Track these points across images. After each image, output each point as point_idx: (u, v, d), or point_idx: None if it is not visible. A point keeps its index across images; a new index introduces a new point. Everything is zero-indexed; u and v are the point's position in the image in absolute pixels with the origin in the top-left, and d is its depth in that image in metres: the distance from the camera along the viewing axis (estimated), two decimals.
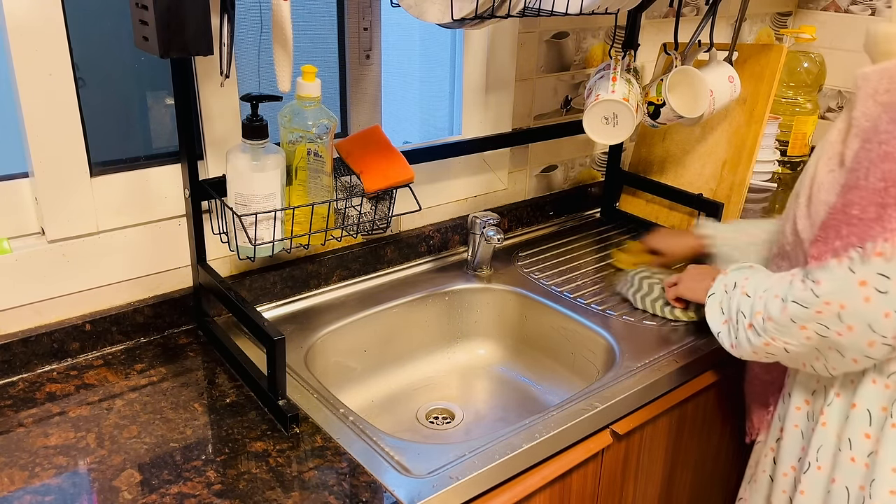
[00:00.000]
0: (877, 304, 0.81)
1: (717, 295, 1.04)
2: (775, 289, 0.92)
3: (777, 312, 0.90)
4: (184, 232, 1.14)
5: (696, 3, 1.76)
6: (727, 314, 1.01)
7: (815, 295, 0.85)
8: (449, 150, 1.39)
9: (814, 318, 0.86)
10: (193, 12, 0.85)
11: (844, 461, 0.93)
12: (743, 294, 0.98)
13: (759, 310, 0.94)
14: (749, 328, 0.95)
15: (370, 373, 1.27)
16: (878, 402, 0.90)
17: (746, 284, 0.99)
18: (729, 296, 1.01)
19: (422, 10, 1.03)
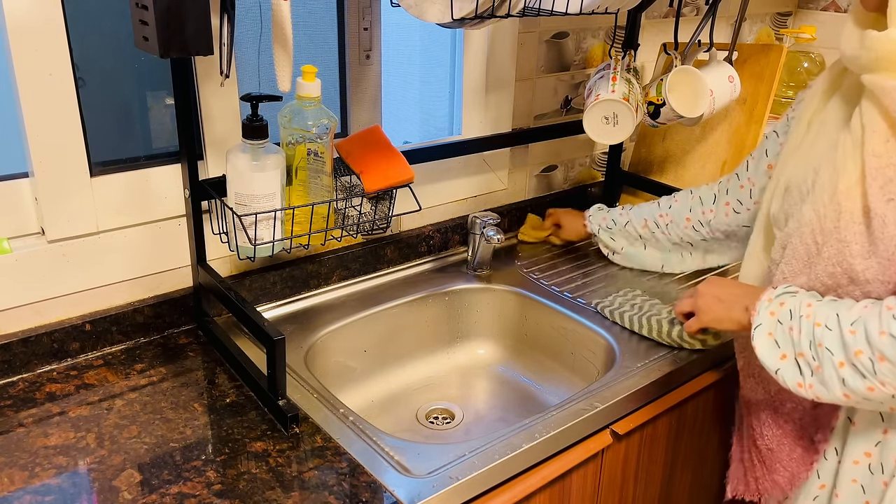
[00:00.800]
0: None
1: (765, 326, 0.89)
2: (874, 324, 0.79)
3: (894, 352, 0.77)
4: (184, 232, 1.14)
5: (696, 3, 1.75)
6: (790, 348, 0.86)
7: None
8: (449, 150, 1.39)
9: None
10: (193, 12, 0.85)
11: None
12: (816, 325, 0.84)
13: (858, 349, 0.80)
14: (842, 367, 0.81)
15: (370, 373, 1.27)
16: None
17: (814, 314, 0.85)
18: (786, 326, 0.87)
19: (422, 10, 1.03)
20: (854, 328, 0.81)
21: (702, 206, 1.28)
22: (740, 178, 1.21)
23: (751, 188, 1.19)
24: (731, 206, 1.22)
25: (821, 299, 0.87)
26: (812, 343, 0.84)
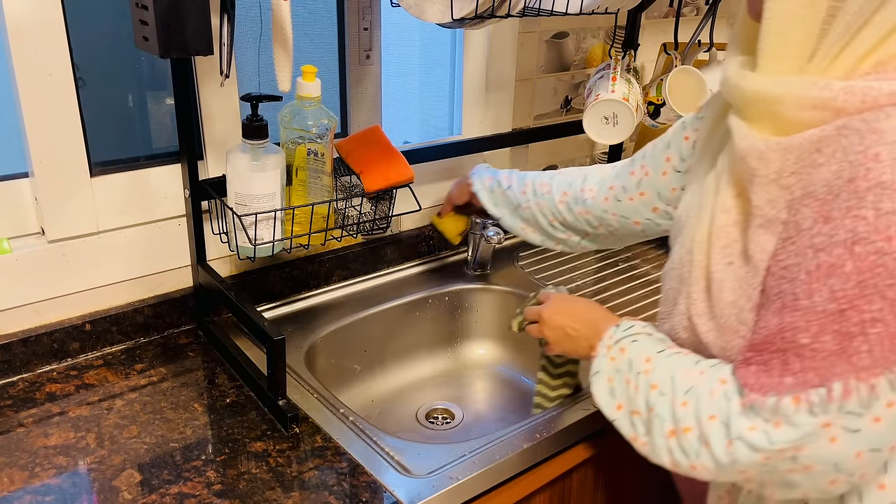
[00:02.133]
0: (846, 445, 0.63)
1: (603, 373, 0.83)
2: (706, 402, 0.70)
3: (720, 444, 0.69)
4: (184, 232, 1.14)
5: (696, 3, 1.75)
6: (624, 400, 0.80)
7: (770, 441, 0.65)
8: (449, 150, 1.39)
9: (761, 463, 0.67)
10: (193, 12, 0.85)
11: None
12: (652, 388, 0.76)
13: (688, 425, 0.71)
14: (672, 436, 0.73)
15: (370, 373, 1.27)
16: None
17: (652, 371, 0.77)
18: (623, 377, 0.80)
19: (422, 10, 1.03)
20: (687, 399, 0.72)
21: (584, 182, 1.08)
22: (634, 163, 1.02)
23: (641, 178, 0.99)
24: (613, 191, 1.03)
25: (662, 350, 0.79)
26: (646, 404, 0.76)
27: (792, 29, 0.64)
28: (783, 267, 0.66)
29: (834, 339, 0.61)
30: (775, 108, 0.66)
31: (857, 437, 0.63)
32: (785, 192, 0.67)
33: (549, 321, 0.94)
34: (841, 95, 0.62)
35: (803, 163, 0.65)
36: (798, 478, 0.67)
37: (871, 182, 0.59)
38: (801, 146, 0.65)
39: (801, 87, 0.64)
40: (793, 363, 0.64)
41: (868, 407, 0.62)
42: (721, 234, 0.73)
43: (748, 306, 0.71)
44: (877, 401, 0.61)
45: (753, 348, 0.68)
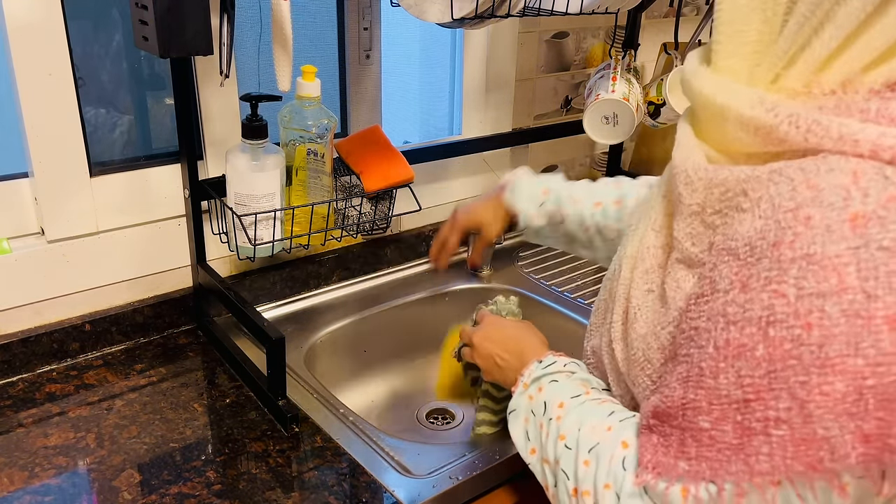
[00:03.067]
0: None
1: (520, 412, 0.77)
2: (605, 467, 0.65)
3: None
4: (184, 232, 1.14)
5: (696, 2, 1.75)
6: (537, 445, 0.75)
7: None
8: (449, 150, 1.39)
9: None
10: (193, 12, 0.85)
11: None
12: (560, 438, 0.71)
13: (587, 489, 0.66)
14: (574, 495, 0.68)
15: (370, 373, 1.27)
16: None
17: (563, 418, 0.71)
18: (537, 420, 0.75)
19: (422, 9, 1.03)
20: (589, 458, 0.67)
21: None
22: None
23: None
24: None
25: (578, 395, 0.73)
26: (555, 455, 0.71)
27: (747, 20, 0.56)
28: (693, 327, 0.57)
29: (734, 431, 0.54)
30: (719, 122, 0.58)
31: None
32: (709, 231, 0.59)
33: (479, 348, 0.87)
34: (784, 125, 0.53)
35: (728, 203, 0.57)
36: None
37: (796, 252, 0.50)
38: (728, 182, 0.57)
39: (746, 103, 0.55)
40: (689, 446, 0.57)
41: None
42: (647, 255, 0.67)
43: (655, 345, 0.64)
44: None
45: (657, 416, 0.61)
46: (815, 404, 0.50)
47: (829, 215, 0.49)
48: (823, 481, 0.51)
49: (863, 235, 0.48)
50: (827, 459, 0.50)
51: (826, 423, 0.49)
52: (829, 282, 0.49)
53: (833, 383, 0.49)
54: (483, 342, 0.87)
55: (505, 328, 0.89)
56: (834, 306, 0.48)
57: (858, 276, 0.48)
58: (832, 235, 0.49)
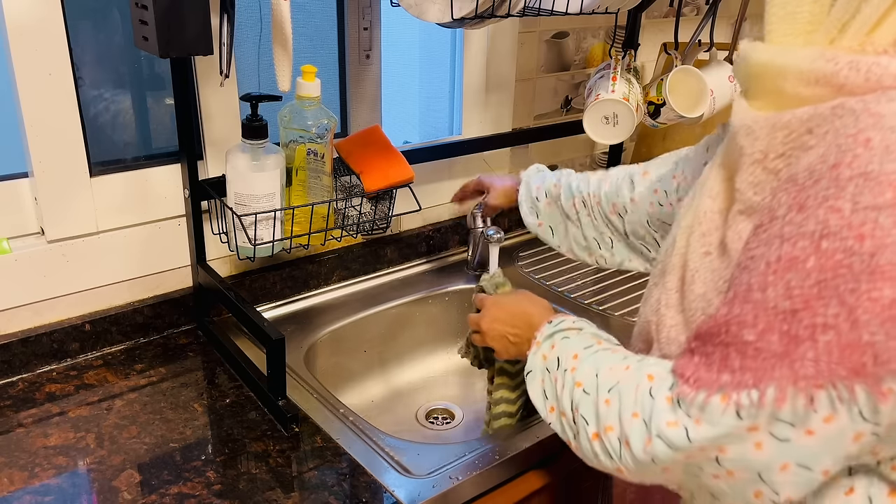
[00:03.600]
0: (772, 453, 0.58)
1: (536, 372, 0.79)
2: (629, 399, 0.66)
3: (639, 443, 0.64)
4: (184, 232, 1.14)
5: (696, 2, 1.75)
6: (555, 402, 0.75)
7: (689, 439, 0.60)
8: (449, 150, 1.39)
9: (682, 461, 0.62)
10: (193, 12, 0.85)
11: None
12: (577, 385, 0.72)
13: (610, 424, 0.67)
14: (595, 439, 0.69)
15: (370, 373, 1.27)
16: None
17: (578, 368, 0.73)
18: (553, 376, 0.76)
19: (422, 9, 1.03)
20: (610, 397, 0.68)
21: (632, 189, 1.01)
22: (676, 167, 0.96)
23: (679, 183, 0.95)
24: (657, 196, 0.97)
25: (590, 345, 0.75)
26: (572, 404, 0.72)
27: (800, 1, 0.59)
28: (749, 257, 0.59)
29: (780, 341, 0.55)
30: (778, 83, 0.60)
31: (786, 448, 0.57)
32: (771, 177, 0.60)
33: (489, 332, 0.90)
34: (844, 70, 0.56)
35: (793, 144, 0.59)
36: (722, 485, 0.62)
37: (854, 171, 0.52)
38: (791, 124, 0.58)
39: (805, 60, 0.58)
40: (733, 360, 0.58)
41: (802, 419, 0.56)
42: (704, 220, 0.67)
43: (716, 300, 0.64)
44: (813, 414, 0.55)
45: (699, 338, 0.62)
46: (862, 310, 0.51)
47: (888, 136, 0.52)
48: (865, 386, 0.52)
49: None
50: (870, 364, 0.52)
51: (872, 329, 0.51)
52: (884, 196, 0.51)
53: (882, 289, 0.50)
54: (492, 325, 0.89)
55: (508, 305, 0.90)
56: (887, 218, 0.50)
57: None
58: (890, 155, 0.51)
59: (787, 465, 0.58)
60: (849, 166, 0.53)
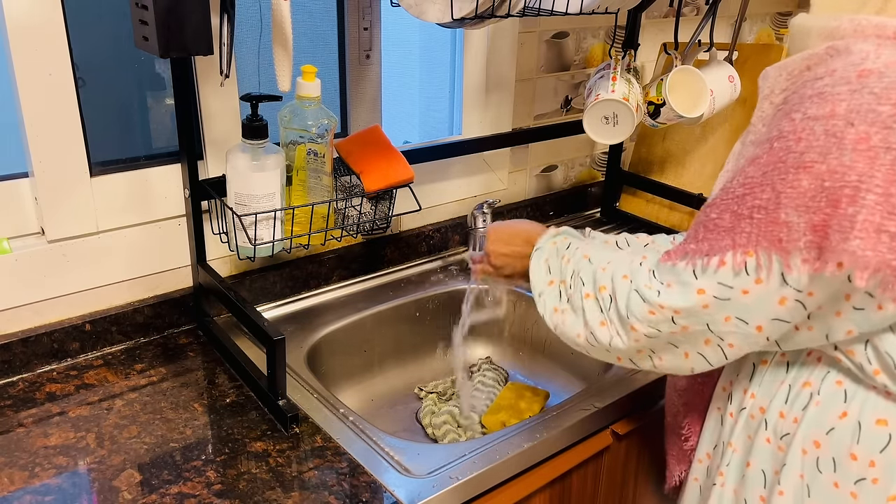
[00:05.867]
0: (716, 310, 0.71)
1: (544, 250, 0.90)
2: (623, 267, 0.79)
3: (622, 298, 0.78)
4: (184, 232, 1.14)
5: (696, 2, 1.75)
6: (556, 275, 0.87)
7: (657, 294, 0.74)
8: (449, 150, 1.39)
9: (647, 318, 0.75)
10: (193, 12, 0.85)
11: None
12: (584, 257, 0.85)
13: (604, 284, 0.80)
14: (588, 298, 0.81)
15: (370, 373, 1.27)
16: (771, 465, 0.80)
17: (588, 250, 0.86)
18: (560, 255, 0.87)
19: (422, 9, 1.03)
20: (607, 266, 0.81)
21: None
22: None
23: None
24: None
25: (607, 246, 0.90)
26: (574, 271, 0.85)
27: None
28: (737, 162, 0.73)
29: (730, 219, 0.69)
30: (806, 41, 0.72)
31: (727, 304, 0.71)
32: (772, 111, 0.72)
33: (492, 255, 0.99)
34: (844, 24, 0.68)
35: (794, 80, 0.70)
36: (678, 338, 0.76)
37: (814, 91, 0.65)
38: (794, 63, 0.71)
39: (823, 20, 0.70)
40: (699, 234, 0.72)
41: (736, 279, 0.69)
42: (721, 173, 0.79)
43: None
44: (746, 276, 0.68)
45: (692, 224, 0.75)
46: (785, 195, 0.65)
47: (846, 67, 0.64)
48: (778, 256, 0.66)
49: (862, 83, 0.63)
50: (784, 240, 0.65)
51: (789, 211, 0.65)
52: (824, 109, 0.64)
53: (802, 180, 0.64)
54: (494, 247, 0.99)
55: (505, 229, 0.99)
56: (820, 126, 0.64)
57: (846, 109, 0.63)
58: (841, 80, 0.64)
59: (729, 317, 0.72)
60: (811, 88, 0.66)
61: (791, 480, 0.78)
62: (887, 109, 0.61)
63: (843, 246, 0.62)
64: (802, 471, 0.77)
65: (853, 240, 0.61)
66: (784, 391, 0.79)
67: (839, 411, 0.75)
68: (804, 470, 0.77)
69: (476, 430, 1.16)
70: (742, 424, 0.83)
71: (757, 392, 0.82)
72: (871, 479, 0.73)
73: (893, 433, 0.72)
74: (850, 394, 0.75)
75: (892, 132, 0.61)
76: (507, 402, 1.19)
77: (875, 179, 0.61)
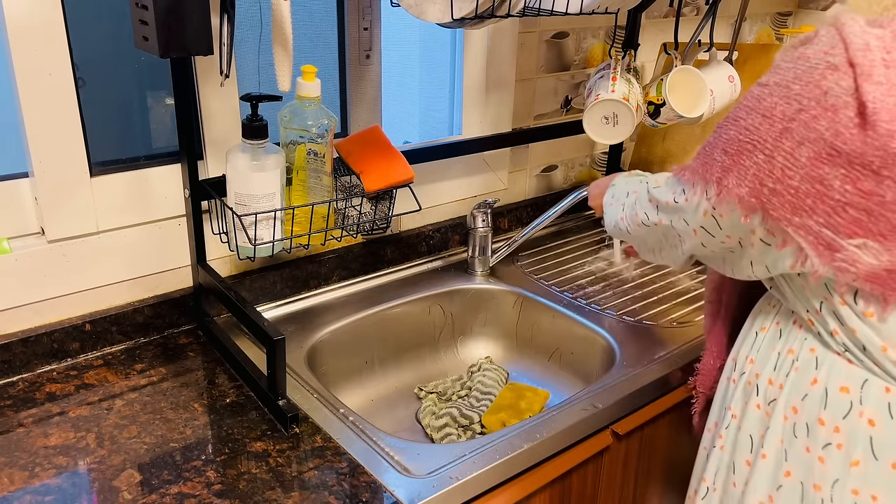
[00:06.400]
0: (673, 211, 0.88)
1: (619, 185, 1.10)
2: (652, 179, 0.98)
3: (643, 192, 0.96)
4: (184, 232, 1.14)
5: (696, 2, 1.75)
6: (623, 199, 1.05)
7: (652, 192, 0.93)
8: (449, 150, 1.39)
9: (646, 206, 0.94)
10: (193, 12, 0.85)
11: (729, 486, 0.90)
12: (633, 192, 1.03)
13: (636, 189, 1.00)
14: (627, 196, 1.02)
15: (370, 373, 1.27)
16: (758, 430, 0.86)
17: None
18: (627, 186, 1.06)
19: (422, 9, 1.03)
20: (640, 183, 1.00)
21: None
22: None
23: None
24: None
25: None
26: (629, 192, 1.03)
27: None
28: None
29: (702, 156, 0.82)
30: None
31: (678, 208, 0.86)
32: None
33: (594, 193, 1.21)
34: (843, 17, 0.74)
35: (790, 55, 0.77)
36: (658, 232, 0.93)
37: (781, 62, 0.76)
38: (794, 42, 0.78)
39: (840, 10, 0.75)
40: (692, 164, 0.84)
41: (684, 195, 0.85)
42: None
43: None
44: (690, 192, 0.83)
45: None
46: (720, 140, 0.79)
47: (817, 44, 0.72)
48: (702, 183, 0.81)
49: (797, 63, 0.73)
50: (707, 173, 0.80)
51: (719, 152, 0.79)
52: (773, 78, 0.75)
53: (730, 130, 0.78)
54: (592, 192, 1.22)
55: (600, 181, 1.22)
56: (762, 90, 0.76)
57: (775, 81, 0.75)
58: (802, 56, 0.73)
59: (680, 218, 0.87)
60: (783, 60, 0.75)
61: (773, 445, 0.83)
62: (797, 88, 0.72)
63: (737, 190, 0.76)
64: (782, 436, 0.83)
65: (743, 186, 0.75)
66: (774, 358, 0.86)
67: (811, 378, 0.81)
68: (783, 435, 0.83)
69: (475, 428, 1.16)
70: (741, 390, 0.90)
71: (756, 358, 0.89)
72: (836, 444, 0.78)
73: (854, 400, 0.78)
74: (819, 360, 0.81)
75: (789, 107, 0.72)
76: (507, 402, 1.19)
77: (767, 143, 0.73)
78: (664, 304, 1.31)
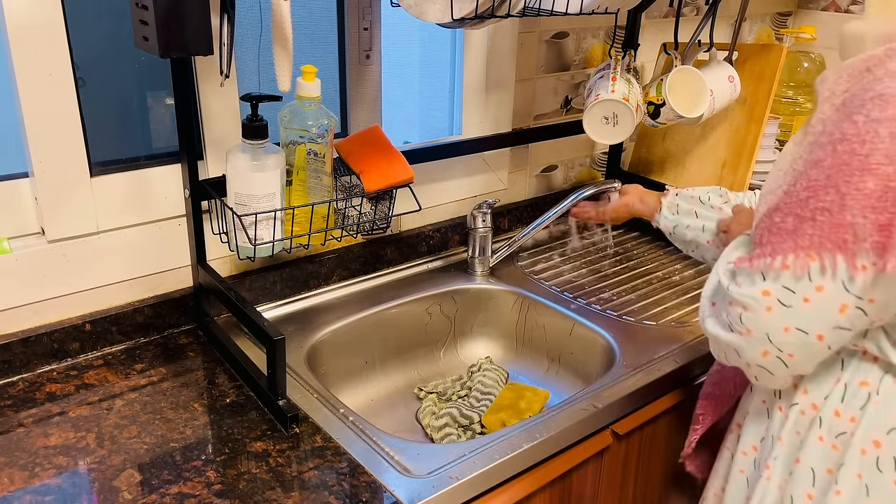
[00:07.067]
0: (777, 317, 0.74)
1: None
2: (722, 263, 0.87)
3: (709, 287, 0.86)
4: (184, 232, 1.14)
5: (696, 3, 1.75)
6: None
7: (728, 290, 0.80)
8: (449, 150, 1.39)
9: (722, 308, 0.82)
10: (193, 12, 0.85)
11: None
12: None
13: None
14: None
15: (370, 373, 1.27)
16: (823, 463, 0.82)
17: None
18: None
19: (422, 9, 1.03)
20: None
21: None
22: None
23: None
24: None
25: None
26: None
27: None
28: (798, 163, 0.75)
29: (793, 221, 0.72)
30: (862, 47, 0.74)
31: (788, 312, 0.73)
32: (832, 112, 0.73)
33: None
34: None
35: (854, 81, 0.72)
36: (742, 341, 0.78)
37: (875, 93, 0.68)
38: (853, 65, 0.72)
39: (878, 25, 0.72)
40: (765, 237, 0.75)
41: (798, 284, 0.72)
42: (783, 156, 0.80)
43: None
44: (807, 282, 0.71)
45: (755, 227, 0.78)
46: (850, 197, 0.68)
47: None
48: (844, 258, 0.69)
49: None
50: (850, 241, 0.68)
51: (855, 212, 0.68)
52: (887, 112, 0.67)
53: (867, 182, 0.67)
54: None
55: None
56: (885, 129, 0.67)
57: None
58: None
59: (789, 328, 0.74)
60: (872, 90, 0.68)
61: (848, 480, 0.79)
62: None
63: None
64: (861, 470, 0.79)
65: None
66: (840, 390, 0.81)
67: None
68: (862, 469, 0.78)
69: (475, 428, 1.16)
70: (792, 420, 0.85)
71: (809, 388, 0.84)
72: None
73: None
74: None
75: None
76: (507, 402, 1.19)
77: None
78: (664, 304, 1.31)
